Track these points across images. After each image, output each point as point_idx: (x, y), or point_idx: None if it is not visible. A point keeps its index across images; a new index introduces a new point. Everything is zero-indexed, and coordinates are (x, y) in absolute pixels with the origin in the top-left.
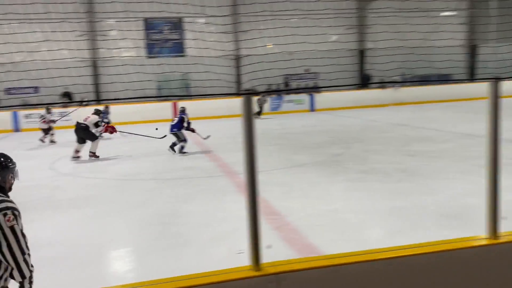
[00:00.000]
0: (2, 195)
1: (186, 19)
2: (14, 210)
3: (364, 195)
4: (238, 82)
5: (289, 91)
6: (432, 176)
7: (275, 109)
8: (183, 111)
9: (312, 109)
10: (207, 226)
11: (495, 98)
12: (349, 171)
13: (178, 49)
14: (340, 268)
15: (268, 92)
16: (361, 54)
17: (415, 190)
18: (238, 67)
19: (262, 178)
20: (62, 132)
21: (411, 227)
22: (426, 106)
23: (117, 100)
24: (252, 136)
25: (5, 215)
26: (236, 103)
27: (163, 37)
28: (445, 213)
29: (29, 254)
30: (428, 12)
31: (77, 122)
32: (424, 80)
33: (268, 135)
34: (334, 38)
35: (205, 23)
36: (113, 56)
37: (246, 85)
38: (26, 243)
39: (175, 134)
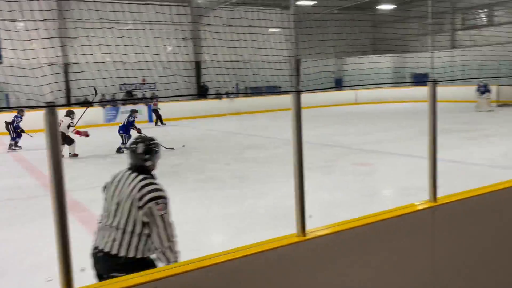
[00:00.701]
0: (155, 182)
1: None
2: (165, 199)
3: (201, 203)
4: (67, 90)
5: (125, 101)
6: (262, 180)
7: (110, 120)
8: (134, 111)
9: (151, 120)
10: (27, 253)
11: (298, 109)
12: (187, 181)
13: None
14: (158, 283)
15: (103, 102)
16: (198, 65)
17: (247, 195)
18: (66, 74)
19: (92, 195)
20: None
21: (244, 231)
22: (258, 115)
23: None
24: (58, 152)
25: (157, 203)
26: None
27: None
28: (274, 214)
29: (174, 241)
30: (257, 28)
31: None
32: (257, 92)
33: (102, 148)
34: (170, 49)
35: (27, 27)
36: None
37: (76, 93)
38: (173, 230)
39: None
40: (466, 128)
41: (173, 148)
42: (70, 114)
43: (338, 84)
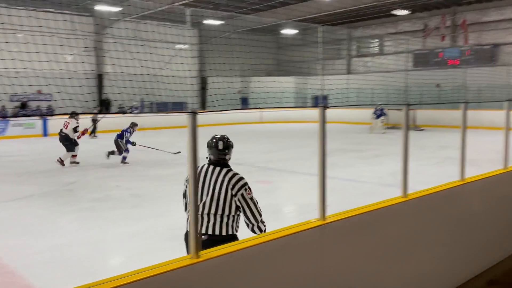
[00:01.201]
0: (237, 172)
1: None
2: (248, 184)
3: (96, 224)
4: None
5: (15, 116)
6: (165, 199)
7: None
8: (133, 125)
9: (45, 133)
10: None
11: (193, 129)
12: (82, 200)
13: None
14: None
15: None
16: (100, 78)
17: (148, 215)
18: None
19: None
20: None
21: (144, 252)
22: (163, 132)
23: None
24: None
25: (246, 189)
26: None
27: None
28: (175, 235)
29: (262, 215)
30: (164, 44)
31: (60, 130)
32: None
33: None
34: (69, 59)
35: None
36: None
37: None
38: (259, 207)
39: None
40: (359, 148)
41: (180, 152)
42: (74, 115)
43: (245, 103)
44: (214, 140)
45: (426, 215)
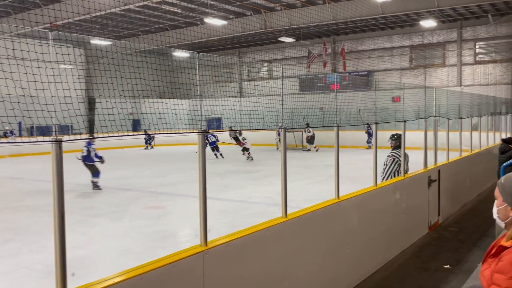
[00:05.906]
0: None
1: None
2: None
3: None
4: None
5: None
6: (43, 232)
7: None
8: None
9: None
10: None
11: (59, 159)
12: None
13: None
14: None
15: None
16: None
17: (22, 250)
18: None
19: None
20: None
21: None
22: (44, 157)
23: None
24: None
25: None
26: None
27: None
28: (52, 270)
29: None
30: (47, 63)
31: None
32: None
33: None
34: None
35: None
36: None
37: None
38: None
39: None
40: (250, 169)
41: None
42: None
43: (136, 126)
44: (394, 135)
45: (305, 233)
